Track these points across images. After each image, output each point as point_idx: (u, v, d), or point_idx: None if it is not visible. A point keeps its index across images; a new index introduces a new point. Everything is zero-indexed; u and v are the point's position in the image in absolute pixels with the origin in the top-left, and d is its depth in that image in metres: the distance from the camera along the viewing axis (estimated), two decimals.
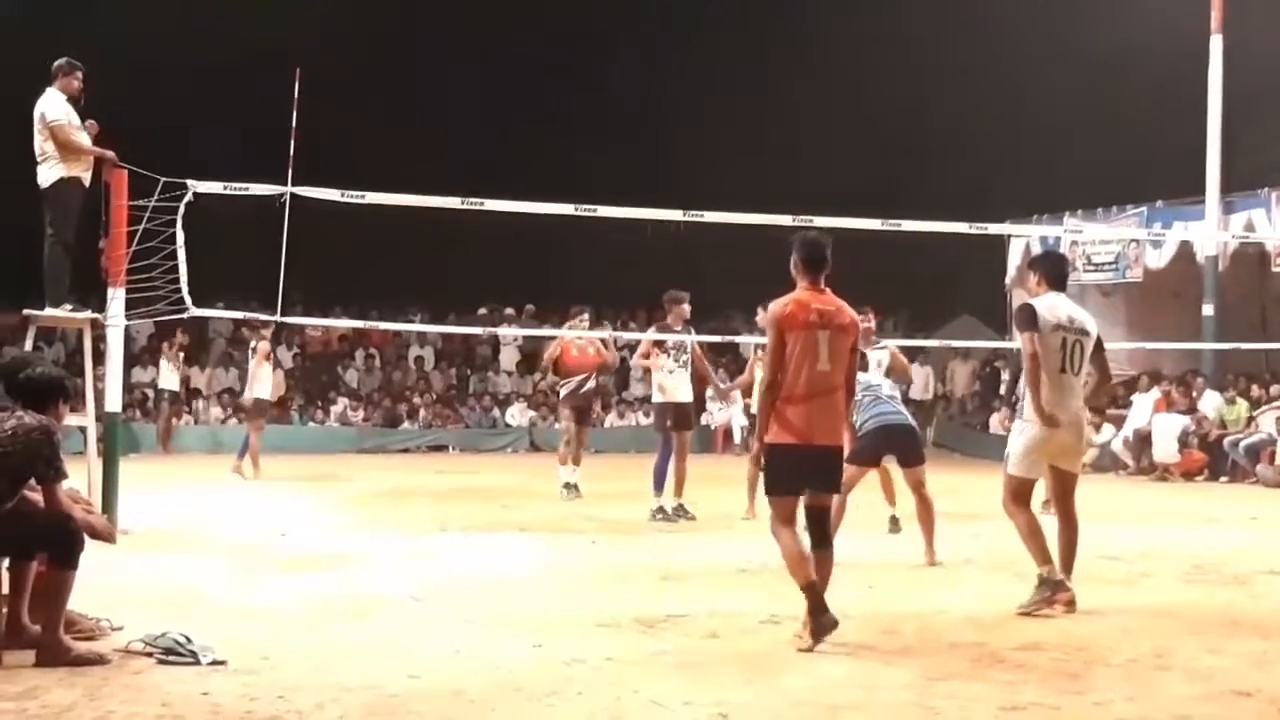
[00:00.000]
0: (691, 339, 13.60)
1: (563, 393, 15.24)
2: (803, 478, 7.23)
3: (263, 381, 17.77)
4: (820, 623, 6.96)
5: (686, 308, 13.60)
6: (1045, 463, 8.35)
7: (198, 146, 21.19)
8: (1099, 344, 8.32)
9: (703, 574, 9.44)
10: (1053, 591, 8.00)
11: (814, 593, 7.01)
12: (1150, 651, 6.98)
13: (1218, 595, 8.89)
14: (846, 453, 10.16)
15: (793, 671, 6.48)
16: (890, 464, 10.63)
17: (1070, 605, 8.06)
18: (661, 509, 12.99)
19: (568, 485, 14.76)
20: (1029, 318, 8.15)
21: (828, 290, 7.36)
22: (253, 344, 18.46)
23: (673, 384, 13.49)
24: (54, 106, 11.13)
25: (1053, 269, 8.51)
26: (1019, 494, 8.31)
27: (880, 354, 12.00)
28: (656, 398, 13.80)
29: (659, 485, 13.12)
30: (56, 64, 11.36)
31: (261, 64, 17.61)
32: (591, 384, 15.10)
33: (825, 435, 7.19)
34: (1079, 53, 24.31)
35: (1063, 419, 8.09)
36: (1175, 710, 5.81)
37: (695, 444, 22.55)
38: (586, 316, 14.93)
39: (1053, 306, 8.22)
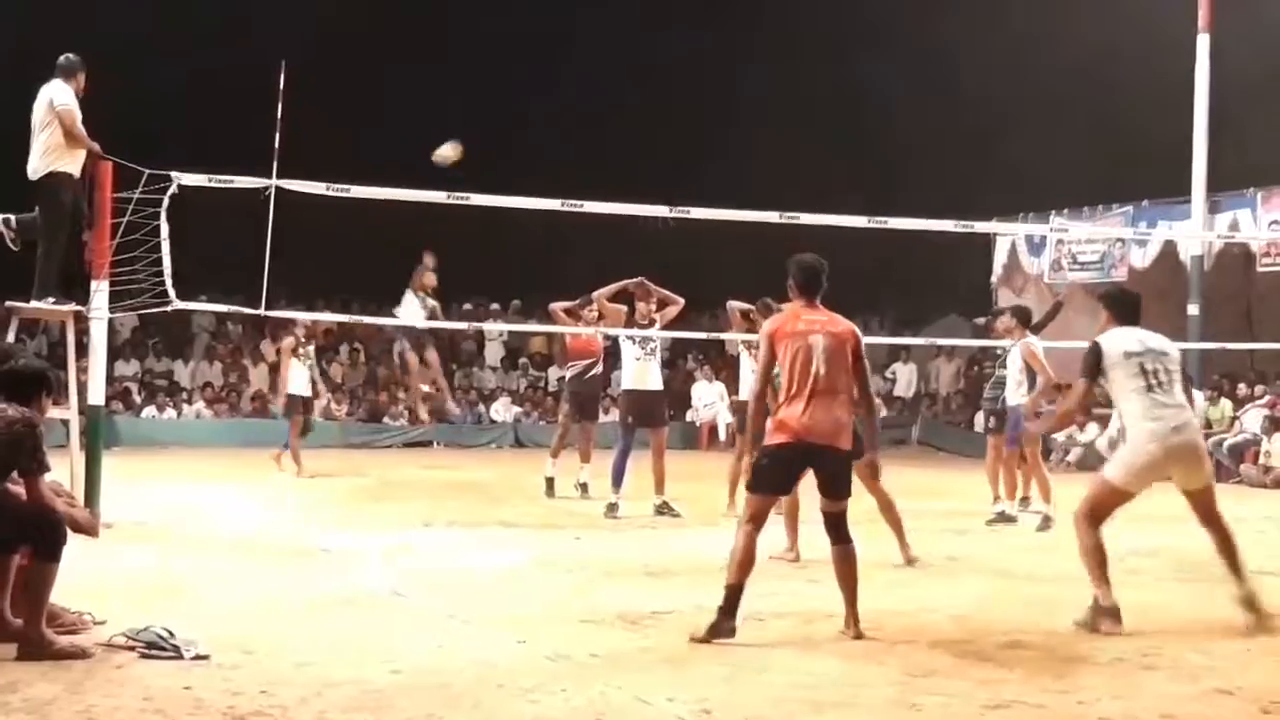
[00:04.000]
0: (658, 332, 13.55)
1: (567, 375, 15.11)
2: (793, 477, 7.39)
3: (291, 378, 17.63)
4: (721, 626, 7.03)
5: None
6: (1154, 481, 8.00)
7: (182, 139, 21.15)
8: None
9: (687, 570, 9.43)
10: (1099, 617, 7.58)
11: (733, 595, 7.10)
12: (1135, 650, 6.99)
13: (1202, 594, 8.87)
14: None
15: (776, 668, 6.48)
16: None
17: (1253, 608, 7.64)
18: (614, 505, 12.90)
19: (550, 480, 14.63)
20: (1091, 363, 7.89)
21: (821, 307, 7.53)
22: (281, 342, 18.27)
23: (636, 373, 13.43)
24: (63, 93, 11.11)
25: (1120, 306, 8.23)
26: (1103, 505, 7.92)
27: (1018, 350, 12.80)
28: (621, 386, 13.73)
29: (616, 482, 13.03)
30: (65, 59, 11.32)
31: (247, 57, 17.55)
32: (597, 370, 14.81)
33: (823, 436, 7.23)
34: (1066, 50, 24.31)
35: (1170, 442, 7.77)
36: (1159, 709, 5.82)
37: (679, 440, 22.77)
38: (595, 308, 14.08)
39: (1119, 338, 7.95)
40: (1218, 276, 21.27)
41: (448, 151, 13.74)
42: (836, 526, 7.40)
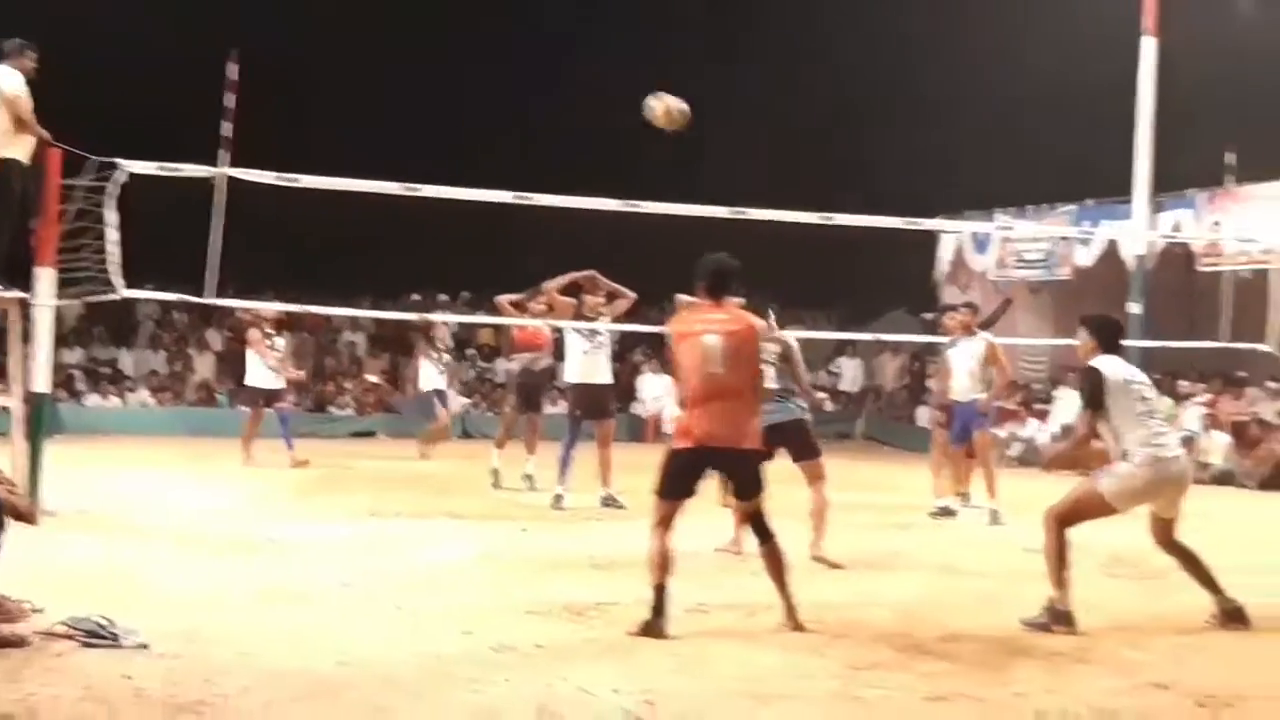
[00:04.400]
0: (606, 326, 13.55)
1: (514, 368, 15.08)
2: (696, 481, 7.34)
3: (250, 369, 17.50)
4: (653, 625, 7.04)
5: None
6: (1140, 506, 7.93)
7: (131, 128, 20.91)
8: None
9: (632, 562, 9.39)
10: (1054, 621, 7.55)
11: (660, 595, 7.12)
12: (1072, 645, 7.09)
13: (1138, 589, 9.01)
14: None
15: (720, 660, 6.53)
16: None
17: (1239, 620, 7.70)
18: (560, 496, 12.94)
19: (495, 471, 14.68)
20: (1093, 391, 7.80)
21: (727, 307, 7.46)
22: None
23: (583, 366, 13.40)
24: (11, 79, 10.99)
25: (1105, 333, 8.14)
26: (1083, 512, 7.85)
27: (976, 345, 13.04)
28: (567, 379, 13.77)
29: (563, 474, 13.07)
30: (11, 43, 11.21)
31: (201, 46, 17.40)
32: (545, 362, 14.82)
33: (724, 439, 7.23)
34: (1012, 50, 24.46)
35: (1169, 469, 7.75)
36: (1094, 703, 5.90)
37: (626, 432, 22.76)
38: (543, 300, 13.89)
39: (1117, 366, 7.90)
40: (1160, 276, 21.49)
41: (659, 112, 10.74)
42: (755, 525, 7.43)
